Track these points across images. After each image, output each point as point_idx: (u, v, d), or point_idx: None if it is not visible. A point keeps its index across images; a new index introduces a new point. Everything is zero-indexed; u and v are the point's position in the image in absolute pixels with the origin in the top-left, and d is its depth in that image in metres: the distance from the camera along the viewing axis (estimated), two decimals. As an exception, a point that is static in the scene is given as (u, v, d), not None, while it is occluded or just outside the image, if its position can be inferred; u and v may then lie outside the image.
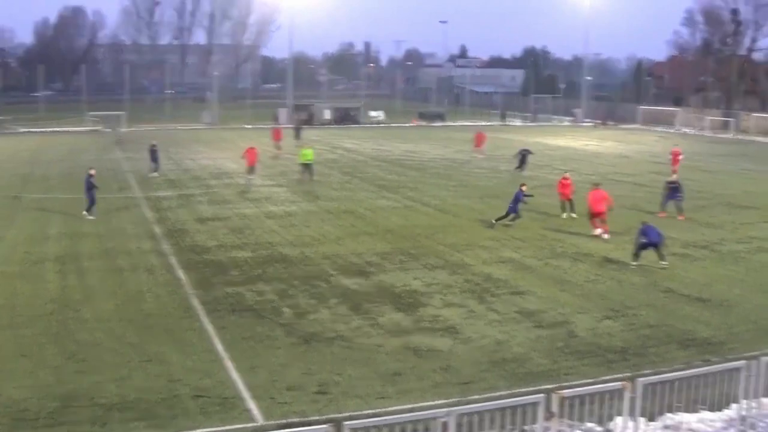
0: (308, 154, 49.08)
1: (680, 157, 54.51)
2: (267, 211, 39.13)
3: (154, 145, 53.01)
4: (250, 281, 26.04)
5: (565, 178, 38.16)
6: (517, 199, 35.12)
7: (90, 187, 36.86)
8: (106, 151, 67.81)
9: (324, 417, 15.55)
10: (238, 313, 22.58)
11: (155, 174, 51.27)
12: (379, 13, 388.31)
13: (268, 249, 30.78)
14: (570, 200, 37.69)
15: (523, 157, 53.96)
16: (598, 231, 33.49)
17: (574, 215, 37.17)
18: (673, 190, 38.04)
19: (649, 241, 28.11)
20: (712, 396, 14.99)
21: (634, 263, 28.49)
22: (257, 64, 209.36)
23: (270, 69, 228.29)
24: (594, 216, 33.58)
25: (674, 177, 39.96)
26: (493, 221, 35.21)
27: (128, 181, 49.50)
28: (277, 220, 36.62)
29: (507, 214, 35.10)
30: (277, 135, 68.14)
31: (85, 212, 36.61)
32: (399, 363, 18.87)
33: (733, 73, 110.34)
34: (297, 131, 76.97)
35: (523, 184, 36.19)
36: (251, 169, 48.69)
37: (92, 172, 37.97)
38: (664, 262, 28.28)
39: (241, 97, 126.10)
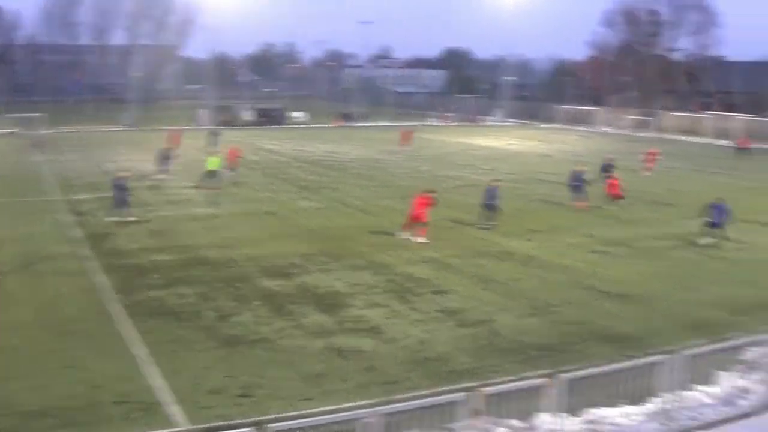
0: (214, 161, 47.55)
1: (657, 156, 58.60)
2: (189, 213, 38.76)
3: (168, 149, 52.55)
4: (172, 284, 25.74)
5: (614, 179, 41.39)
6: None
7: (123, 189, 36.54)
8: (25, 154, 66.67)
9: (248, 420, 15.43)
10: (159, 317, 22.32)
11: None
12: (301, 13, 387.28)
13: (190, 252, 30.48)
14: (619, 196, 40.44)
15: (607, 167, 49.11)
16: (421, 238, 32.53)
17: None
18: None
19: (713, 221, 31.25)
20: (634, 390, 15.19)
21: (703, 242, 31.51)
22: (178, 64, 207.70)
23: (192, 70, 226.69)
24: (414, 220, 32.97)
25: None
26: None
27: (48, 183, 48.69)
28: (199, 223, 36.29)
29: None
30: (175, 139, 66.06)
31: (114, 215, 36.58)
32: (322, 364, 18.83)
33: (652, 73, 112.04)
34: (214, 136, 70.42)
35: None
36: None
37: (126, 174, 37.72)
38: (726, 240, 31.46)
39: (162, 98, 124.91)
